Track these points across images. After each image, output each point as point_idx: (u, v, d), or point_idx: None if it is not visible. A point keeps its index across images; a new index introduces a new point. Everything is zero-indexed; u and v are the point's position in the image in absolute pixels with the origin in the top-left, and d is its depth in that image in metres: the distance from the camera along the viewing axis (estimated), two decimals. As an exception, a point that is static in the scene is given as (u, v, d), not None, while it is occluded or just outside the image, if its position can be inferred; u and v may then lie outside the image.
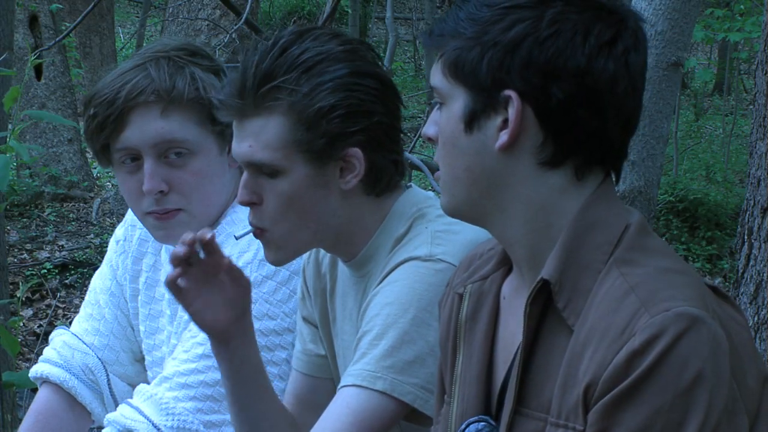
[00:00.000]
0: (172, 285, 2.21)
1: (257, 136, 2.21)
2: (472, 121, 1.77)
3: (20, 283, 9.07)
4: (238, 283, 2.25)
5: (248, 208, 2.57)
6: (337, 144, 2.21)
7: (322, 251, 2.47)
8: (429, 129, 1.85)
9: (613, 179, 1.82)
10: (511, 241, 1.81)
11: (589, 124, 1.74)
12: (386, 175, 2.29)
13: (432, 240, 2.23)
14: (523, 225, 1.78)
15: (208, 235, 2.18)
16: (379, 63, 2.29)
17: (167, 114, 2.55)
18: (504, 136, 1.74)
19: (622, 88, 1.74)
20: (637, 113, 1.79)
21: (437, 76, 1.80)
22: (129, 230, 2.88)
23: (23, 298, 8.99)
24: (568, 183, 1.77)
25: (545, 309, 1.76)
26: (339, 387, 2.21)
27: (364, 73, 2.23)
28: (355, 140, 2.22)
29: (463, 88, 1.77)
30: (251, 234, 2.32)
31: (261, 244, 2.38)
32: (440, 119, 1.81)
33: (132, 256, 2.86)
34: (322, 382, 2.49)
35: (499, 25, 1.74)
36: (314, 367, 2.51)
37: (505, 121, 1.74)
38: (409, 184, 2.39)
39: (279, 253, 2.30)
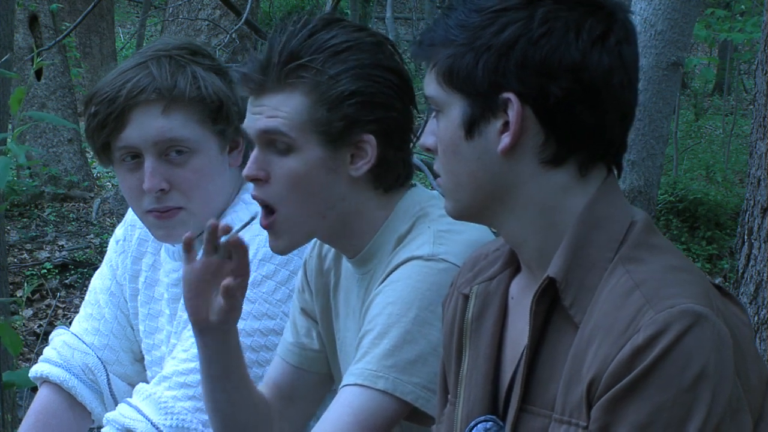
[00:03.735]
0: (188, 246, 2.27)
1: (276, 110, 2.23)
2: (471, 127, 1.77)
3: (25, 284, 9.06)
4: (229, 302, 2.26)
5: (248, 210, 2.58)
6: (354, 129, 2.24)
7: (325, 246, 2.47)
8: (427, 140, 1.85)
9: (616, 175, 1.82)
10: (518, 241, 1.81)
11: (589, 120, 1.74)
12: (394, 171, 2.30)
13: (434, 239, 2.23)
14: (529, 225, 1.78)
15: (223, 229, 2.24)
16: (400, 61, 2.32)
17: (168, 112, 2.55)
18: (506, 139, 1.75)
19: (617, 80, 1.75)
20: (634, 105, 1.80)
21: (431, 86, 1.80)
22: (129, 230, 2.88)
23: (23, 298, 8.99)
24: (571, 181, 1.77)
25: (552, 307, 1.76)
26: (340, 386, 2.20)
27: (387, 67, 2.26)
28: (370, 128, 2.25)
29: (459, 95, 1.77)
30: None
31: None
32: (438, 128, 1.81)
33: (131, 255, 2.86)
34: (308, 375, 2.49)
35: (490, 29, 1.74)
36: (304, 360, 2.50)
37: (506, 124, 1.74)
38: (413, 183, 2.40)
39: (284, 238, 2.29)
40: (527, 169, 1.76)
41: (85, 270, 9.52)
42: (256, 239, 2.54)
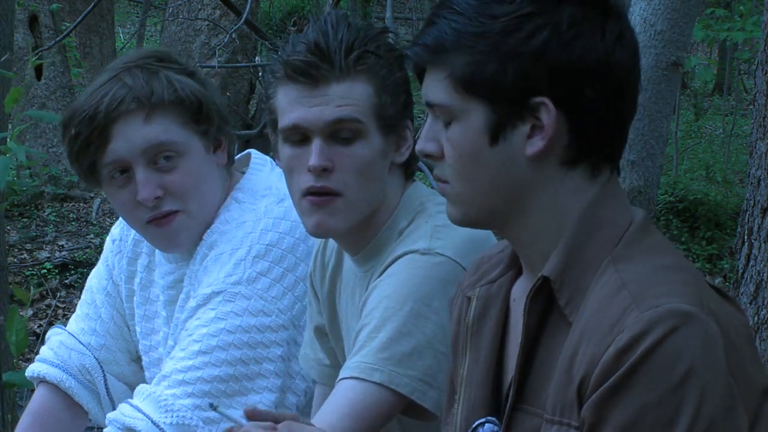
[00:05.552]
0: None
1: (345, 98, 2.25)
2: (497, 132, 1.76)
3: (31, 287, 9.05)
4: None
5: (242, 209, 2.58)
6: (405, 113, 2.32)
7: (327, 254, 2.48)
8: (428, 146, 1.82)
9: (617, 175, 1.83)
10: (526, 244, 1.81)
11: (612, 119, 1.76)
12: (417, 160, 2.36)
13: (431, 234, 2.25)
14: (539, 228, 1.78)
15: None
16: None
17: (150, 119, 2.54)
18: (539, 143, 1.74)
19: (633, 78, 1.78)
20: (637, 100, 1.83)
21: (441, 94, 1.78)
22: (125, 230, 2.87)
23: (29, 298, 8.97)
24: (582, 182, 1.77)
25: (549, 307, 1.76)
26: (337, 380, 2.21)
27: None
28: (410, 114, 2.34)
29: (480, 101, 1.75)
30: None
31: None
32: (452, 135, 1.78)
33: (127, 256, 2.85)
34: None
35: (517, 34, 1.73)
36: (325, 377, 2.53)
37: (533, 128, 1.74)
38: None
39: (340, 218, 2.28)
40: (548, 172, 1.76)
41: (85, 270, 9.52)
42: (250, 236, 2.54)
